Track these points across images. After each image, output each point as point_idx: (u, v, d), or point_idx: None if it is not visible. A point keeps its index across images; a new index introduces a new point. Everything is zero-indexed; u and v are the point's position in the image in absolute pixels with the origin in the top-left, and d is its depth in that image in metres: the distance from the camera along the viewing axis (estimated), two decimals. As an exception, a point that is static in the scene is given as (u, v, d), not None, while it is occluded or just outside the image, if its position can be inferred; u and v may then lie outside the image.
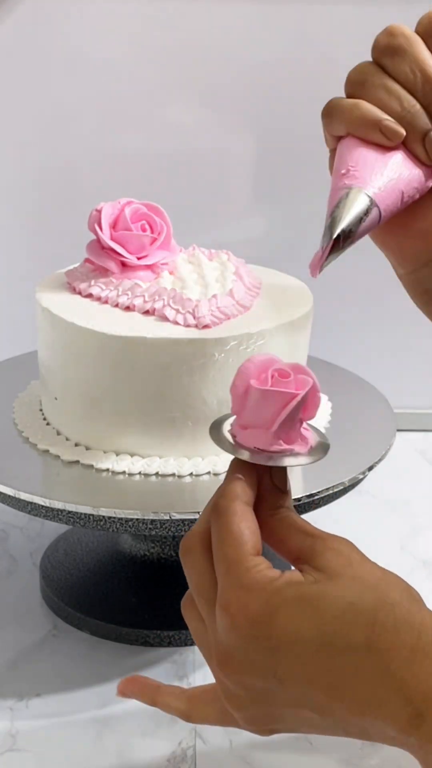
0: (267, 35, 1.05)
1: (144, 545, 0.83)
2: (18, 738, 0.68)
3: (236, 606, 0.45)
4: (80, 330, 0.72)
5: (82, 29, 1.04)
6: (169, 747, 0.68)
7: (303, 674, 0.44)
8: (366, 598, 0.44)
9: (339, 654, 0.44)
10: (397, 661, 0.43)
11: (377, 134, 0.49)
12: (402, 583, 0.46)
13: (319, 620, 0.44)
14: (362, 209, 0.48)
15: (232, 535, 0.47)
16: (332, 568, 0.46)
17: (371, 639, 0.43)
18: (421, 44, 0.49)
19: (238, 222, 1.12)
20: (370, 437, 0.80)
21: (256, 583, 0.45)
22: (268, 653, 0.45)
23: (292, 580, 0.45)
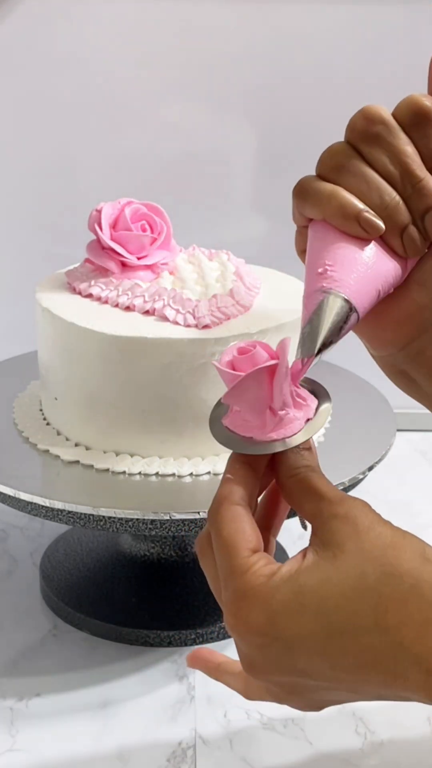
0: (267, 36, 1.05)
1: (144, 545, 0.83)
2: (18, 738, 0.68)
3: (236, 620, 0.45)
4: (80, 330, 0.72)
5: (82, 29, 1.04)
6: (169, 747, 0.68)
7: (322, 663, 0.44)
8: (369, 574, 0.43)
9: (351, 640, 0.43)
10: (410, 636, 0.42)
11: (355, 227, 0.48)
12: (413, 545, 0.45)
13: (322, 612, 0.43)
14: (342, 317, 0.47)
15: (223, 543, 0.47)
16: (336, 541, 0.45)
17: (379, 618, 0.43)
18: (401, 133, 0.48)
19: (238, 222, 1.12)
20: (370, 437, 0.80)
21: (251, 588, 0.45)
22: (283, 654, 0.44)
23: (291, 573, 0.45)
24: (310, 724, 0.70)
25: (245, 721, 0.70)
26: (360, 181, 0.48)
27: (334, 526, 0.45)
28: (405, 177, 0.48)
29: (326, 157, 0.49)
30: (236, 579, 0.45)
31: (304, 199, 0.49)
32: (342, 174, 0.48)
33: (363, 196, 0.48)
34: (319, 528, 0.46)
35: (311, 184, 0.49)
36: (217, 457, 0.73)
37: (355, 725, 0.70)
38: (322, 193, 0.48)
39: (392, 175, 0.48)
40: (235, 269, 0.80)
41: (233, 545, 0.46)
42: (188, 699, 0.72)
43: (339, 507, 0.46)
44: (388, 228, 0.48)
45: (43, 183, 1.09)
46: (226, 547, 0.46)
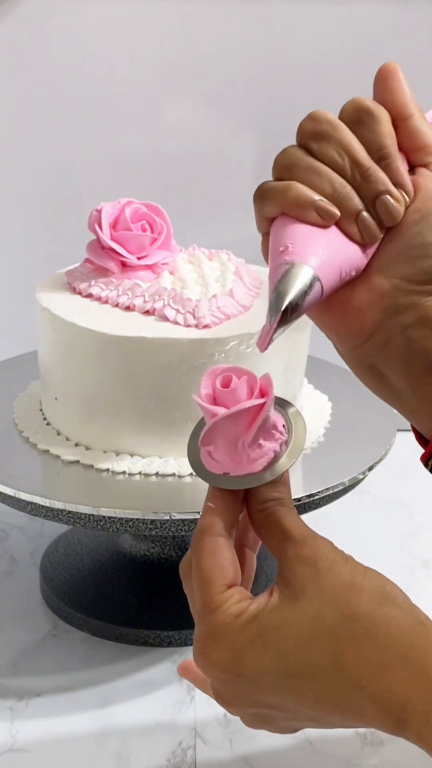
0: (267, 36, 1.05)
1: (144, 545, 0.83)
2: (18, 738, 0.68)
3: (202, 656, 0.46)
4: (80, 330, 0.72)
5: (82, 29, 1.04)
6: (169, 747, 0.68)
7: (285, 700, 0.45)
8: (326, 617, 0.45)
9: (309, 679, 0.44)
10: (366, 676, 0.43)
11: (312, 214, 0.50)
12: (373, 585, 0.46)
13: (282, 652, 0.45)
14: (306, 282, 0.49)
15: (200, 576, 0.48)
16: (298, 581, 0.46)
17: (336, 659, 0.44)
18: (346, 129, 0.50)
19: (238, 222, 1.12)
20: (370, 437, 0.80)
21: (219, 627, 0.46)
22: (247, 689, 0.46)
23: (258, 611, 0.46)
24: (310, 724, 0.70)
25: (245, 721, 0.70)
26: (312, 174, 0.50)
27: (296, 568, 0.46)
28: (353, 167, 0.50)
29: (279, 158, 0.52)
30: (207, 615, 0.47)
31: (262, 198, 0.52)
32: (294, 170, 0.51)
33: (316, 187, 0.50)
34: (283, 567, 0.47)
35: (268, 184, 0.52)
36: (217, 457, 0.73)
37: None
38: (278, 188, 0.51)
39: (341, 166, 0.50)
40: (235, 269, 0.80)
41: (209, 579, 0.48)
42: (188, 699, 0.72)
43: (301, 548, 0.47)
44: (343, 215, 0.50)
45: (43, 183, 1.09)
46: (202, 580, 0.48)
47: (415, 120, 0.51)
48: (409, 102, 0.51)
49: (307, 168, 0.50)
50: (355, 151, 0.50)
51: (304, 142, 0.51)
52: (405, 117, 0.51)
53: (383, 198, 0.49)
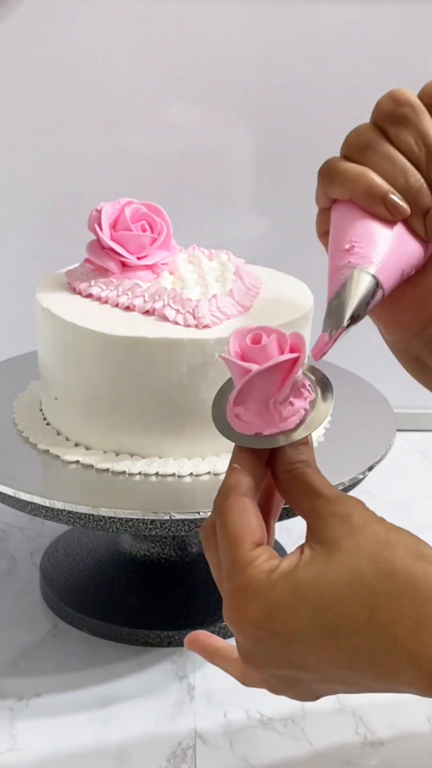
0: (267, 35, 1.05)
1: (144, 545, 0.83)
2: (18, 738, 0.68)
3: (235, 613, 0.46)
4: (80, 330, 0.72)
5: (82, 29, 1.04)
6: (169, 747, 0.68)
7: (318, 658, 0.45)
8: (363, 572, 0.44)
9: (346, 636, 0.44)
10: (402, 633, 0.43)
11: (381, 208, 0.48)
12: (407, 542, 0.45)
13: (319, 608, 0.44)
14: (369, 292, 0.48)
15: (227, 535, 0.47)
16: (332, 538, 0.45)
17: (373, 615, 0.43)
18: (427, 115, 0.48)
19: (238, 222, 1.12)
20: (370, 437, 0.80)
21: (252, 583, 0.45)
22: (279, 648, 0.45)
23: (290, 569, 0.45)
24: (310, 724, 0.70)
25: (245, 721, 0.70)
26: (386, 162, 0.48)
27: (329, 524, 0.46)
28: (430, 159, 0.48)
29: (353, 137, 0.49)
30: (238, 572, 0.46)
31: (331, 179, 0.49)
32: (368, 154, 0.49)
33: (388, 177, 0.48)
34: (316, 526, 0.46)
35: (338, 164, 0.49)
36: (217, 457, 0.73)
37: (355, 725, 0.70)
38: (349, 173, 0.49)
39: (418, 157, 0.48)
40: (235, 269, 0.80)
41: (238, 538, 0.47)
42: (188, 699, 0.72)
43: (335, 505, 0.46)
44: (412, 210, 0.48)
45: (43, 183, 1.09)
46: (231, 539, 0.47)
47: None
48: None
49: (382, 154, 0.48)
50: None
51: (381, 124, 0.49)
52: None
53: None
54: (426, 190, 0.48)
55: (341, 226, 0.50)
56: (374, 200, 0.48)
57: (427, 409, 1.13)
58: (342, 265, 0.48)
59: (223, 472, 0.71)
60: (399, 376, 0.58)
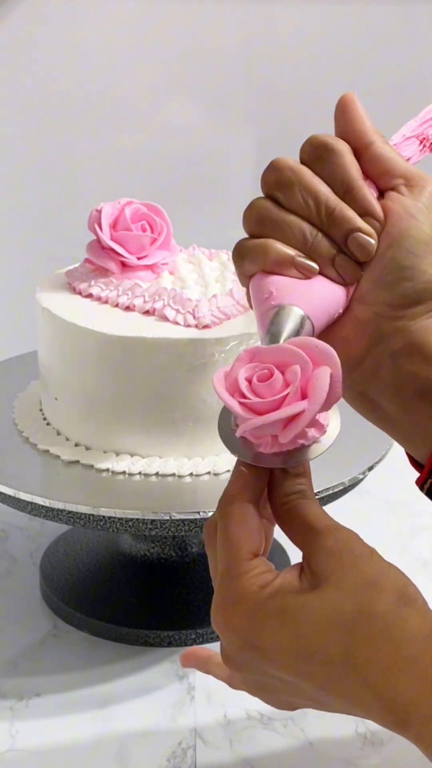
0: (267, 35, 1.05)
1: (144, 545, 0.83)
2: (18, 738, 0.68)
3: (223, 618, 0.47)
4: (80, 330, 0.72)
5: (82, 29, 1.04)
6: (169, 747, 0.68)
7: (294, 677, 0.46)
8: (346, 610, 0.45)
9: (319, 666, 0.45)
10: (374, 674, 0.44)
11: (293, 271, 0.50)
12: (394, 585, 0.46)
13: (299, 634, 0.45)
14: (297, 321, 0.48)
15: (227, 541, 0.48)
16: (321, 573, 0.46)
17: (348, 653, 0.44)
18: (307, 171, 0.51)
19: (238, 222, 1.12)
20: (370, 437, 0.79)
21: (243, 595, 0.46)
22: (257, 658, 0.46)
23: (281, 589, 0.46)
24: (310, 724, 0.70)
25: (245, 721, 0.70)
26: (283, 227, 0.50)
27: (320, 559, 0.46)
28: (319, 210, 0.50)
29: (248, 213, 0.52)
30: (232, 580, 0.47)
31: (241, 258, 0.52)
32: (266, 225, 0.51)
33: (289, 240, 0.50)
34: (309, 557, 0.47)
35: (244, 243, 0.52)
36: (217, 457, 0.73)
37: (355, 725, 0.70)
38: (256, 249, 0.51)
39: (309, 211, 0.50)
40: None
41: (237, 546, 0.47)
42: (188, 699, 0.72)
43: (326, 540, 0.47)
44: (319, 262, 0.50)
45: (43, 183, 1.09)
46: (229, 546, 0.47)
47: (377, 146, 0.51)
48: (368, 130, 0.52)
49: (276, 221, 0.51)
50: (318, 193, 0.50)
51: (270, 193, 0.52)
52: (366, 144, 0.51)
53: (354, 236, 0.50)
54: (324, 240, 0.50)
55: (258, 285, 0.51)
56: (284, 266, 0.50)
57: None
58: (266, 309, 0.50)
59: (223, 472, 0.71)
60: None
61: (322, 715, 0.71)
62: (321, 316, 0.50)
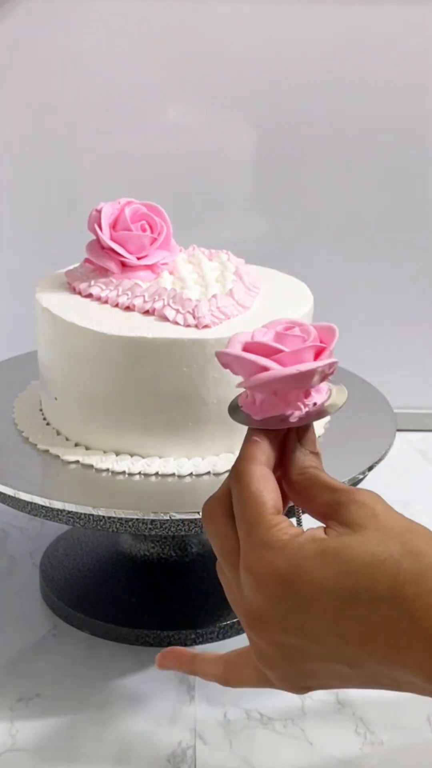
0: (267, 35, 1.05)
1: (144, 545, 0.83)
2: (18, 738, 0.68)
3: (260, 565, 0.46)
4: (80, 330, 0.72)
5: (82, 29, 1.04)
6: (169, 747, 0.68)
7: (331, 627, 0.45)
8: (390, 548, 0.45)
9: (364, 604, 0.44)
10: (421, 610, 0.43)
11: None
12: (429, 533, 0.46)
13: (343, 572, 0.44)
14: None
15: (251, 497, 0.48)
16: (356, 521, 0.46)
17: (395, 588, 0.44)
18: None
19: (238, 222, 1.12)
20: (370, 437, 0.80)
21: (278, 541, 0.46)
22: (295, 609, 0.45)
23: (315, 536, 0.46)
24: (310, 724, 0.70)
25: (245, 721, 0.70)
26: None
27: (352, 509, 0.47)
28: None
29: None
30: (263, 530, 0.47)
31: None
32: None
33: None
34: (338, 514, 0.47)
35: None
36: (217, 457, 0.73)
37: (355, 725, 0.70)
38: None
39: None
40: (235, 269, 0.80)
41: (261, 500, 0.48)
42: (188, 699, 0.72)
43: (356, 495, 0.48)
44: None
45: (43, 183, 1.09)
46: (254, 500, 0.48)
47: None
48: None
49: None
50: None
51: None
52: None
53: None
54: None
55: None
56: None
57: (427, 409, 1.13)
58: None
59: (224, 472, 0.71)
60: (399, 376, 0.58)
61: (322, 715, 0.71)
62: None
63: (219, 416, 0.71)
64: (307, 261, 0.80)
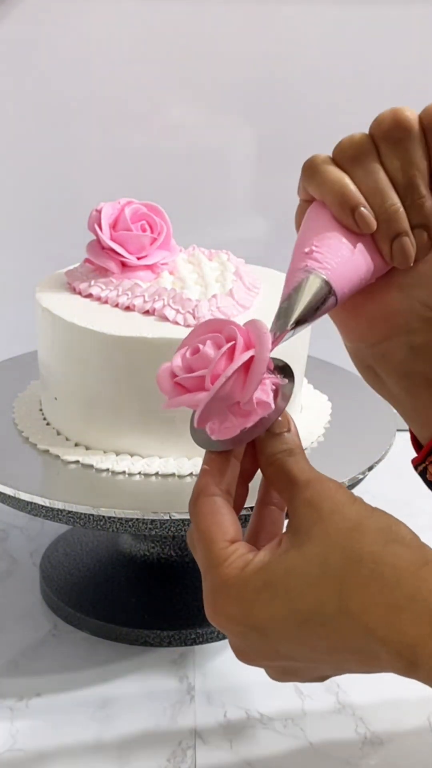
0: (267, 35, 1.05)
1: (144, 545, 0.83)
2: (18, 738, 0.68)
3: (214, 611, 0.46)
4: (80, 330, 0.72)
5: (82, 29, 1.04)
6: (169, 747, 0.68)
7: (300, 649, 0.45)
8: (331, 562, 0.44)
9: (319, 626, 0.44)
10: (374, 620, 0.43)
11: (350, 219, 0.48)
12: (379, 525, 0.45)
13: (291, 598, 0.44)
14: (319, 298, 0.48)
15: (200, 537, 0.48)
16: (303, 528, 0.45)
17: (343, 604, 0.43)
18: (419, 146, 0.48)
19: (238, 222, 1.12)
20: (370, 437, 0.80)
21: (227, 581, 0.46)
22: (262, 641, 0.45)
23: (263, 562, 0.45)
24: (310, 724, 0.70)
25: (245, 721, 0.70)
26: (369, 179, 0.48)
27: (301, 512, 0.46)
28: (408, 188, 0.48)
29: (346, 144, 0.49)
30: (212, 571, 0.46)
31: (310, 176, 0.50)
32: (355, 165, 0.49)
33: (367, 192, 0.49)
34: (291, 515, 0.47)
35: (321, 164, 0.50)
36: (217, 457, 0.73)
37: (355, 725, 0.70)
38: (328, 176, 0.49)
39: (399, 182, 0.49)
40: (235, 269, 0.80)
41: (210, 537, 0.47)
42: (188, 699, 0.72)
43: (305, 491, 0.47)
44: (381, 232, 0.49)
45: (43, 183, 1.09)
46: (203, 540, 0.47)
47: None
48: None
49: (367, 170, 0.48)
50: (419, 174, 0.48)
51: (375, 139, 0.49)
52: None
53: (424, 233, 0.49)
54: (401, 215, 0.49)
55: (309, 226, 0.50)
56: (344, 209, 0.49)
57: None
58: (299, 268, 0.49)
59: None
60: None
61: (322, 715, 0.71)
62: (349, 287, 0.49)
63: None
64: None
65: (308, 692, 0.72)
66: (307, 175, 0.50)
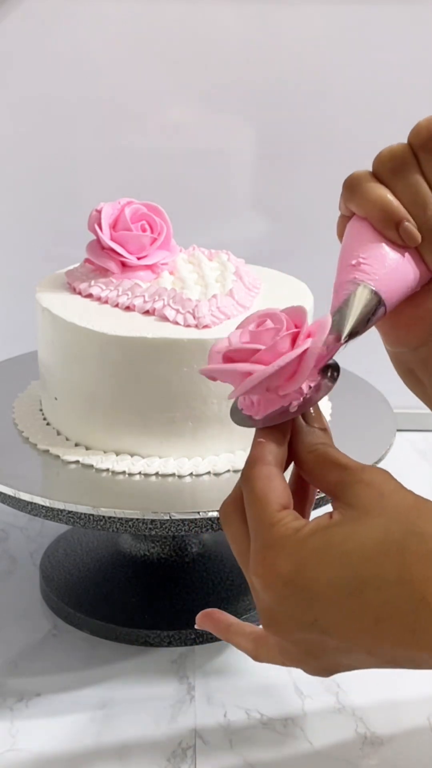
0: (267, 35, 1.05)
1: (144, 545, 0.83)
2: (18, 738, 0.68)
3: (263, 567, 0.46)
4: (80, 330, 0.72)
5: (82, 29, 1.04)
6: (169, 747, 0.68)
7: (344, 620, 0.45)
8: (394, 531, 0.44)
9: (374, 592, 0.44)
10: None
11: (394, 233, 0.49)
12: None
13: (349, 563, 0.44)
14: (370, 309, 0.49)
15: (255, 498, 0.48)
16: (361, 503, 0.46)
17: (403, 572, 0.43)
18: None
19: (238, 222, 1.12)
20: (370, 437, 0.80)
21: (281, 539, 0.46)
22: (306, 606, 0.45)
23: (318, 527, 0.46)
24: (310, 724, 0.70)
25: (245, 721, 0.70)
26: (410, 190, 0.49)
27: (358, 490, 0.46)
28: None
29: (385, 157, 0.50)
30: (266, 530, 0.47)
31: (351, 195, 0.50)
32: (396, 178, 0.49)
33: (409, 204, 0.49)
34: (344, 494, 0.47)
35: (362, 182, 0.50)
36: (217, 457, 0.73)
37: (355, 725, 0.70)
38: (369, 194, 0.50)
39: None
40: (235, 269, 0.80)
41: (265, 499, 0.48)
42: (188, 699, 0.72)
43: (363, 474, 0.47)
44: (425, 241, 0.50)
45: (43, 183, 1.09)
46: (258, 500, 0.48)
47: None
48: None
49: (408, 182, 0.49)
50: None
51: (415, 148, 0.49)
52: None
53: None
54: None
55: (353, 239, 0.51)
56: (388, 225, 0.49)
57: (427, 409, 1.13)
58: (347, 280, 0.49)
59: (224, 472, 0.71)
60: (399, 376, 0.58)
61: (322, 715, 0.71)
62: (397, 297, 0.50)
63: (219, 416, 0.71)
64: (307, 261, 0.80)
65: (308, 692, 0.72)
66: (348, 194, 0.51)
